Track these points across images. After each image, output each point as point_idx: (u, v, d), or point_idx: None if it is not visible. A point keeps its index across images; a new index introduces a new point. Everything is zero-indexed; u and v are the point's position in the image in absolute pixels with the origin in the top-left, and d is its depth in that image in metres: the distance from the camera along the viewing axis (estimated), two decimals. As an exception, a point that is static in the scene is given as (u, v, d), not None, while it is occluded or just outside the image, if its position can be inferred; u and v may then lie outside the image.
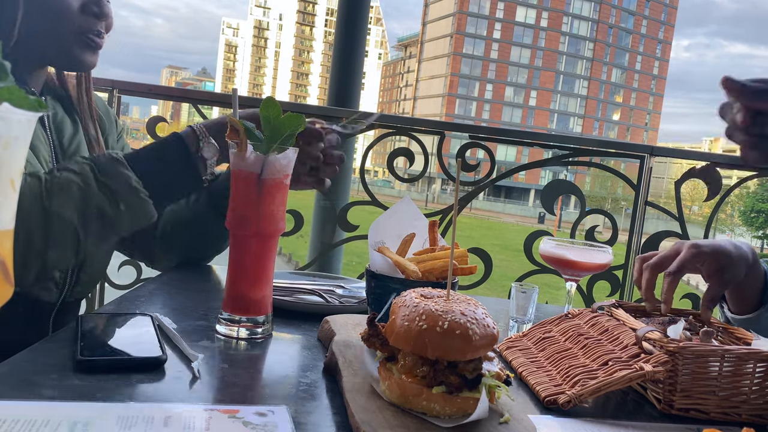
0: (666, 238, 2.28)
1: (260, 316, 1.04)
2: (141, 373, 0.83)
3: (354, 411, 0.74)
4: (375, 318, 0.82)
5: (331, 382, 0.89)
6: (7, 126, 0.45)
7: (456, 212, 0.92)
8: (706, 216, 2.69)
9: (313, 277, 1.54)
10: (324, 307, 1.24)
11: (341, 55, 4.49)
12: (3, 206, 0.47)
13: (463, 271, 1.04)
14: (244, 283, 1.03)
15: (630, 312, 1.13)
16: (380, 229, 1.11)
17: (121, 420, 0.69)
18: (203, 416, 0.73)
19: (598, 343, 1.00)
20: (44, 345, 0.91)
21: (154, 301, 1.20)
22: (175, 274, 1.44)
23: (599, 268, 1.33)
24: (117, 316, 1.03)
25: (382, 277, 1.04)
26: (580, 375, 0.92)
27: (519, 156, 77.43)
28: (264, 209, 1.01)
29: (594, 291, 2.31)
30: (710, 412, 0.91)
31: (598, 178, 64.53)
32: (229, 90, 1.39)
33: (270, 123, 0.98)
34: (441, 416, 0.74)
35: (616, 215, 2.65)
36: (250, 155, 0.99)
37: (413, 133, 2.27)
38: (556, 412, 0.89)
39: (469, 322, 0.74)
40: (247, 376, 0.89)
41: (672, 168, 44.79)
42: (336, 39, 4.59)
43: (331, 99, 4.52)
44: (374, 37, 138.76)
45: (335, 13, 4.90)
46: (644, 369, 0.88)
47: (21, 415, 0.68)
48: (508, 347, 1.12)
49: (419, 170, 2.32)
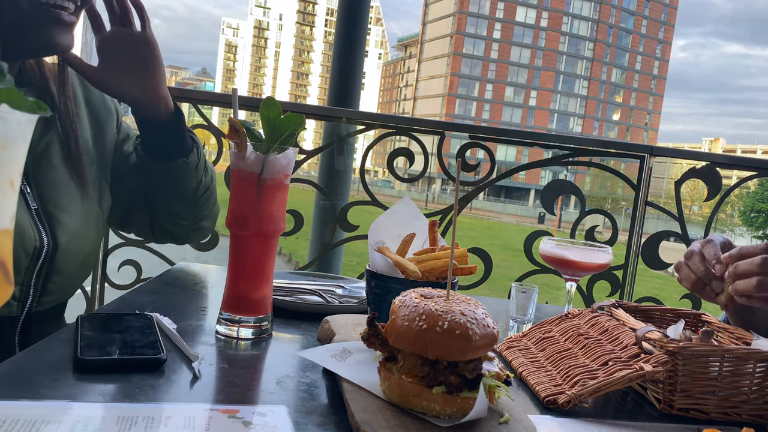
0: (666, 238, 2.28)
1: (260, 316, 1.04)
2: (141, 373, 0.83)
3: (354, 411, 0.74)
4: (375, 318, 0.82)
5: (331, 382, 0.89)
6: (6, 127, 0.45)
7: (456, 212, 0.92)
8: (706, 216, 2.69)
9: (313, 277, 1.54)
10: (324, 307, 1.24)
11: (341, 55, 4.49)
12: (3, 206, 0.47)
13: (463, 271, 1.04)
14: (244, 283, 1.03)
15: (630, 312, 1.13)
16: (380, 229, 1.11)
17: (121, 420, 0.69)
18: (203, 416, 0.73)
19: (598, 343, 1.00)
20: (44, 345, 0.91)
21: (154, 301, 1.20)
22: (176, 274, 1.44)
23: (599, 268, 1.33)
24: (117, 316, 1.02)
25: (382, 277, 1.04)
26: (580, 375, 0.92)
27: (519, 156, 77.48)
28: (264, 209, 1.01)
29: (594, 291, 2.31)
30: (710, 412, 0.91)
31: (598, 178, 64.57)
32: (229, 90, 1.39)
33: (270, 123, 0.98)
34: (441, 416, 0.74)
35: (616, 215, 2.65)
36: (250, 155, 0.99)
37: (413, 133, 2.27)
38: (556, 412, 0.89)
39: (469, 322, 0.74)
40: (247, 376, 0.89)
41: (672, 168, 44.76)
42: (336, 39, 4.59)
43: (331, 99, 4.51)
44: (374, 37, 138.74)
45: (335, 13, 4.89)
46: (644, 369, 0.88)
47: (21, 415, 0.68)
48: (508, 347, 1.12)
49: (419, 170, 2.32)
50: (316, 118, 2.39)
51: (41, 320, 1.22)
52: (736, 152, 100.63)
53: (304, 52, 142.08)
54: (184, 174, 1.33)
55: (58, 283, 1.21)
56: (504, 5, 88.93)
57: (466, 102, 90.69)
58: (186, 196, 1.36)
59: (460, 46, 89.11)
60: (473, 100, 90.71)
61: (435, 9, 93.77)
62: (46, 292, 1.19)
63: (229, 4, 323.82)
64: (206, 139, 2.22)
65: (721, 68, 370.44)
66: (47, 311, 1.23)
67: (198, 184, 1.36)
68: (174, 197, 1.36)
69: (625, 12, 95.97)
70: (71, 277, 1.25)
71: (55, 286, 1.20)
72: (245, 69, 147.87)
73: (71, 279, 1.26)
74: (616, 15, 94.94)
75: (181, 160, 1.32)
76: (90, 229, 1.27)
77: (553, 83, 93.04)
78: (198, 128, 2.24)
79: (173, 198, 1.37)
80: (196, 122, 2.25)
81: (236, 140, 0.99)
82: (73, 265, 1.23)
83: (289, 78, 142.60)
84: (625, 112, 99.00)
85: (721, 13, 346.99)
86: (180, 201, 1.37)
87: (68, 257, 1.21)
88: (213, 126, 2.17)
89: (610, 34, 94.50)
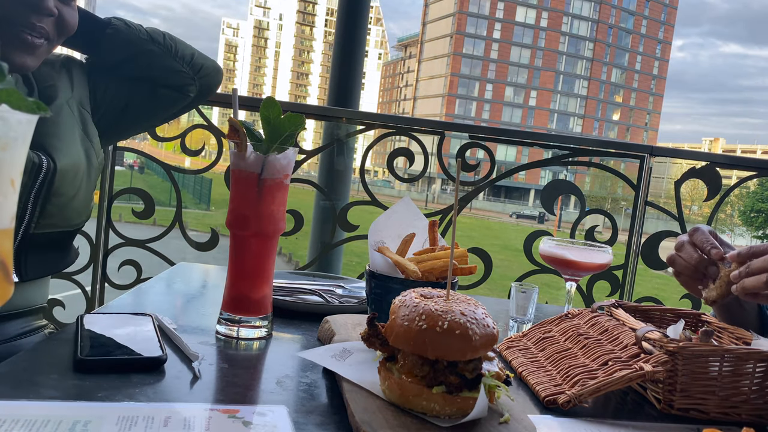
0: (666, 238, 2.28)
1: (260, 316, 1.04)
2: (141, 373, 0.83)
3: (354, 411, 0.74)
4: (375, 318, 0.82)
5: (331, 382, 0.89)
6: (6, 127, 0.45)
7: (456, 212, 0.92)
8: (706, 216, 2.69)
9: (313, 277, 1.54)
10: (324, 307, 1.24)
11: (341, 55, 4.49)
12: (3, 206, 0.47)
13: (463, 271, 1.04)
14: (244, 283, 1.03)
15: (630, 312, 1.13)
16: (380, 229, 1.11)
17: (121, 420, 0.69)
18: (203, 416, 0.73)
19: (598, 343, 1.00)
20: (44, 345, 0.91)
21: (154, 301, 1.20)
22: (175, 274, 1.44)
23: (599, 268, 1.33)
24: (117, 316, 1.02)
25: (382, 277, 1.04)
26: (580, 375, 0.92)
27: (519, 156, 77.49)
28: (264, 209, 1.01)
29: (594, 291, 2.31)
30: (710, 412, 0.91)
31: (598, 178, 64.56)
32: (229, 90, 1.39)
33: (270, 123, 0.98)
34: (441, 416, 0.74)
35: (616, 215, 2.65)
36: (250, 155, 0.99)
37: (413, 133, 2.27)
38: (556, 412, 0.89)
39: (469, 322, 0.74)
40: (247, 376, 0.89)
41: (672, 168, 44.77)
42: (336, 39, 4.58)
43: (331, 99, 4.51)
44: (374, 37, 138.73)
45: (335, 13, 4.89)
46: (644, 369, 0.88)
47: (21, 415, 0.68)
48: (508, 347, 1.12)
49: (419, 170, 2.33)
50: (316, 118, 2.40)
51: (41, 247, 1.25)
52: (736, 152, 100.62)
53: (304, 52, 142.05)
54: (118, 41, 1.44)
55: (57, 206, 1.24)
56: (504, 5, 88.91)
57: (466, 102, 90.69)
58: (141, 58, 1.48)
59: (460, 46, 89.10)
60: (473, 100, 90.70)
61: (435, 9, 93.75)
62: (45, 214, 1.22)
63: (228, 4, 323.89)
64: (206, 139, 2.23)
65: (719, 68, 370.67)
66: (47, 239, 1.25)
67: (143, 48, 1.47)
68: (130, 68, 1.49)
69: (625, 12, 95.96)
70: (69, 202, 1.28)
71: (54, 208, 1.24)
72: (245, 69, 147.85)
73: (69, 205, 1.28)
74: (616, 15, 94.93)
75: (109, 31, 1.43)
76: (84, 158, 1.33)
77: (553, 83, 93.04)
78: (198, 128, 2.25)
79: (131, 68, 1.48)
80: (197, 122, 2.25)
81: (236, 140, 0.99)
82: (71, 191, 1.27)
83: (289, 78, 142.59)
84: (625, 112, 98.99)
85: (719, 13, 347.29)
86: (140, 65, 1.49)
87: (66, 180, 1.25)
88: (213, 126, 2.17)
89: (610, 34, 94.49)
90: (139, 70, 1.50)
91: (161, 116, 1.60)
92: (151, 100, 1.53)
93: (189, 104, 1.62)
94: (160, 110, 1.57)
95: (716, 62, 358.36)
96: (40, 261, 1.29)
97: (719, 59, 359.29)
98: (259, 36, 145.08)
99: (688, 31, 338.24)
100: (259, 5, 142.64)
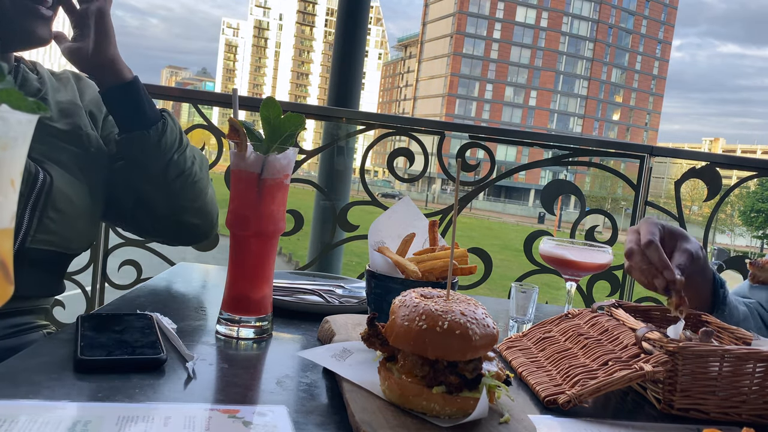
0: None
1: (260, 316, 1.04)
2: (141, 373, 0.83)
3: (354, 411, 0.74)
4: (375, 318, 0.82)
5: (331, 382, 0.89)
6: (7, 127, 0.45)
7: (456, 212, 0.92)
8: (706, 216, 2.69)
9: (313, 277, 1.54)
10: (324, 307, 1.24)
11: (341, 55, 4.49)
12: (3, 206, 0.47)
13: (463, 271, 1.04)
14: (244, 283, 1.03)
15: (630, 312, 1.13)
16: (380, 229, 1.11)
17: (121, 420, 0.69)
18: (203, 416, 0.73)
19: (598, 343, 1.00)
20: (44, 345, 0.91)
21: (154, 301, 1.20)
22: (175, 274, 1.44)
23: (599, 268, 1.33)
24: (117, 316, 1.02)
25: (382, 277, 1.04)
26: (580, 375, 0.92)
27: (519, 156, 77.51)
28: (264, 209, 1.01)
29: (594, 291, 2.31)
30: (710, 412, 0.91)
31: (598, 178, 64.57)
32: (229, 90, 1.38)
33: (270, 123, 0.98)
34: (441, 416, 0.74)
35: (616, 215, 2.65)
36: (250, 155, 0.99)
37: (413, 133, 2.27)
38: (556, 412, 0.89)
39: (469, 322, 0.74)
40: (247, 376, 0.89)
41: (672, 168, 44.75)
42: (336, 39, 4.59)
43: (331, 99, 4.52)
44: (374, 37, 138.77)
45: (335, 13, 4.89)
46: (644, 369, 0.88)
47: (21, 415, 0.68)
48: (508, 347, 1.12)
49: (419, 170, 2.32)
50: (316, 118, 2.40)
51: (35, 266, 1.22)
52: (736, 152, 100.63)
53: (304, 52, 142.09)
54: (146, 148, 1.28)
55: (56, 222, 1.20)
56: (504, 5, 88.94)
57: (466, 102, 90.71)
58: (154, 177, 1.30)
59: (460, 46, 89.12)
60: (473, 100, 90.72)
61: (435, 9, 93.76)
62: (42, 228, 1.19)
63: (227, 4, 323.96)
64: (206, 139, 2.23)
65: (717, 68, 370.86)
66: (43, 256, 1.22)
67: (167, 162, 1.30)
68: (139, 177, 1.32)
69: (625, 12, 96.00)
70: (69, 221, 1.23)
71: (52, 223, 1.20)
72: (245, 69, 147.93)
73: (69, 224, 1.24)
74: (616, 15, 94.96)
75: (140, 132, 1.27)
76: (85, 182, 1.28)
77: (553, 83, 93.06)
78: (198, 128, 2.25)
79: (139, 178, 1.32)
80: (197, 122, 2.25)
81: (236, 140, 0.99)
82: (71, 210, 1.23)
83: (289, 78, 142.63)
84: (625, 112, 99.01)
85: (716, 13, 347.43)
86: (148, 183, 1.32)
87: (65, 197, 1.22)
88: (213, 126, 2.17)
89: (610, 34, 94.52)
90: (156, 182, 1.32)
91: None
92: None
93: (160, 236, 1.48)
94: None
95: (714, 62, 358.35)
96: (33, 280, 1.25)
97: (717, 59, 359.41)
98: (259, 36, 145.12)
99: (686, 31, 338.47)
100: (259, 5, 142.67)
